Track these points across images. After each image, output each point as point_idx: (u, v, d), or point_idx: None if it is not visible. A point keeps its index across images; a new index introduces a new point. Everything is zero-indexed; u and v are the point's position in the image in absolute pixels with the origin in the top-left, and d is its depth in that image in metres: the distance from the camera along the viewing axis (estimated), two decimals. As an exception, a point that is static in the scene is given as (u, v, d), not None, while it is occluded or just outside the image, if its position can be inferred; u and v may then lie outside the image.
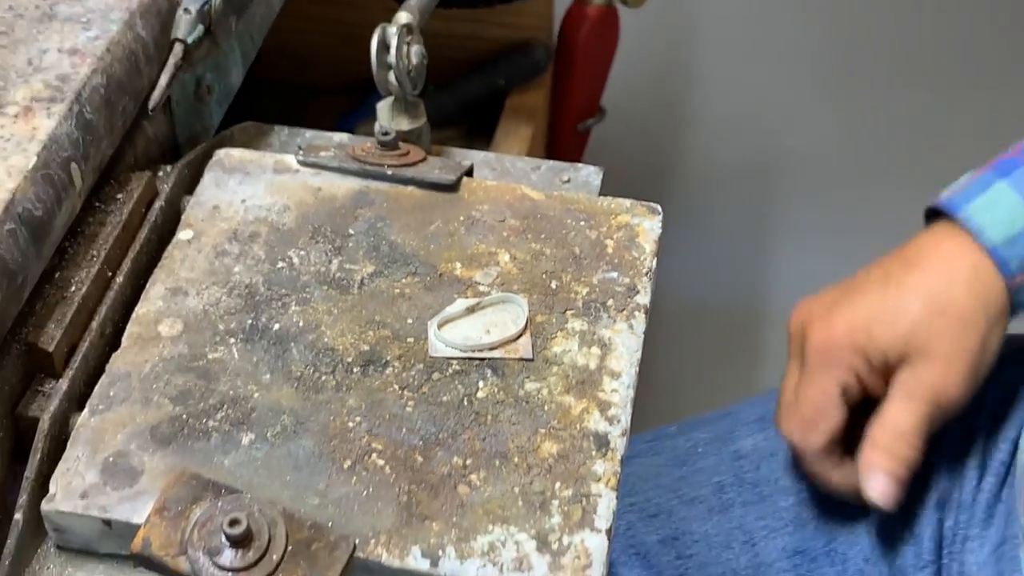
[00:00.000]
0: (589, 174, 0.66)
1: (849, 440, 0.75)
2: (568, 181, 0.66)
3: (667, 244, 0.62)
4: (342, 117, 1.03)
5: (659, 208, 0.62)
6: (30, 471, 0.50)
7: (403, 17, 0.64)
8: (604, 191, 0.66)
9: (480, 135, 1.03)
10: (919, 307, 0.73)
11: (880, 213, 1.85)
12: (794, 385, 0.76)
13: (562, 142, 1.09)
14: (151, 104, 0.60)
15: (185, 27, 0.61)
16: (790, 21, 2.21)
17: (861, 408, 0.74)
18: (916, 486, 0.82)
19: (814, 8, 2.22)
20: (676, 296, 1.70)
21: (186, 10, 0.61)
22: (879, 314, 0.74)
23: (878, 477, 0.72)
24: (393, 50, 0.63)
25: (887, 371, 0.74)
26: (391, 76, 0.63)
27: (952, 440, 0.81)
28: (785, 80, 2.11)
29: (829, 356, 0.74)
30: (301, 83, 1.04)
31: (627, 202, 0.62)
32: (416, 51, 0.63)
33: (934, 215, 0.78)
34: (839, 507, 0.82)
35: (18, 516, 0.49)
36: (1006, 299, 0.75)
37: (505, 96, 1.02)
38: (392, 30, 0.63)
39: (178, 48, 0.60)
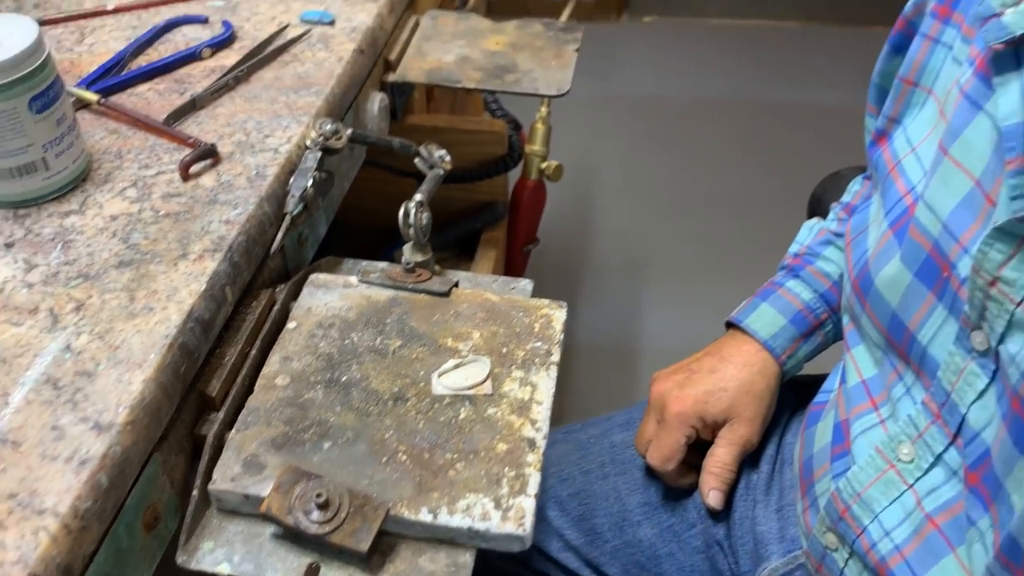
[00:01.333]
0: (526, 284, 0.66)
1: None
2: (514, 288, 0.66)
3: (580, 312, 0.62)
4: (387, 248, 1.03)
5: (565, 304, 0.62)
6: (201, 466, 0.51)
7: (417, 196, 0.64)
8: (536, 292, 0.65)
9: (466, 256, 1.02)
10: (734, 387, 0.74)
11: (711, 296, 1.86)
12: (653, 430, 0.76)
13: (514, 260, 1.08)
14: (272, 250, 0.60)
15: (291, 205, 0.61)
16: (653, 172, 2.21)
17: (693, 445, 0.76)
18: None
19: (669, 160, 2.23)
20: (585, 341, 1.71)
21: (291, 195, 0.62)
22: (711, 393, 0.75)
23: (713, 493, 0.74)
24: (412, 217, 0.63)
25: (716, 427, 0.75)
26: (411, 232, 0.63)
27: None
28: (653, 208, 2.11)
29: (680, 418, 0.75)
30: (362, 227, 1.03)
31: (547, 301, 0.62)
32: (425, 216, 0.64)
33: (729, 324, 0.80)
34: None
35: (195, 492, 0.50)
36: (779, 371, 0.76)
37: (480, 233, 1.02)
38: (411, 205, 0.63)
39: (287, 219, 0.61)
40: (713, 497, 0.74)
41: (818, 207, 0.96)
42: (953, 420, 0.54)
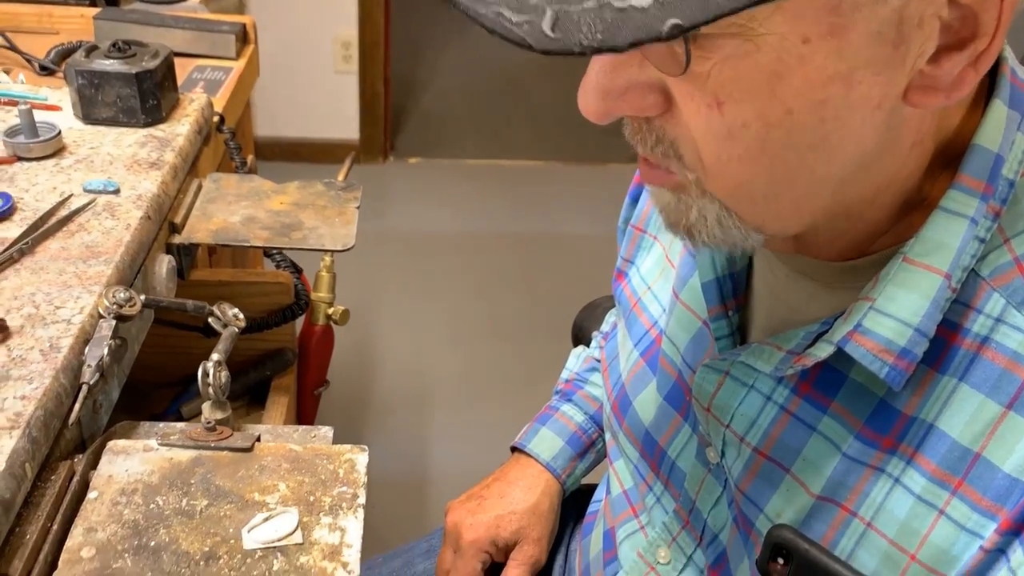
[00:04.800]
0: (327, 431, 0.67)
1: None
2: (315, 436, 0.67)
3: (371, 448, 0.64)
4: (173, 400, 1.01)
5: (366, 447, 0.64)
6: (4, 655, 0.49)
7: (215, 356, 0.65)
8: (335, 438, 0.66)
9: (257, 404, 1.01)
10: (522, 510, 0.80)
11: (492, 419, 1.94)
12: (451, 559, 0.80)
13: (305, 404, 1.08)
14: (70, 422, 0.59)
15: (88, 375, 0.60)
16: (431, 304, 2.29)
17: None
18: None
19: (444, 293, 2.32)
20: (376, 475, 1.71)
21: (87, 365, 0.61)
22: (502, 517, 0.79)
23: None
24: (211, 376, 0.64)
25: (507, 549, 0.79)
26: (210, 391, 0.64)
27: None
28: (434, 340, 2.18)
29: (475, 546, 0.78)
30: (147, 381, 1.01)
31: (348, 446, 0.63)
32: (224, 375, 0.64)
33: (514, 448, 0.86)
34: None
35: None
36: (560, 489, 0.83)
37: (271, 380, 1.02)
38: (210, 365, 0.64)
39: (84, 388, 0.60)
40: None
41: (580, 333, 1.07)
42: (698, 525, 0.62)
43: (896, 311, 0.46)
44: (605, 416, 0.75)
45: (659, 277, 0.69)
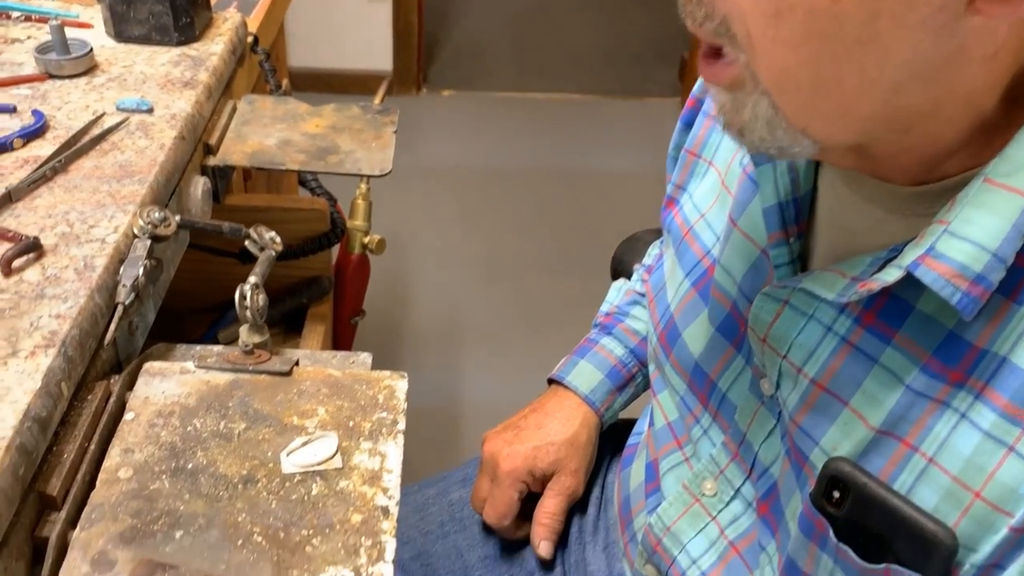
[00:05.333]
0: (365, 357, 0.66)
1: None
2: (353, 362, 0.66)
3: (409, 376, 0.63)
4: (210, 327, 1.00)
5: (406, 375, 0.63)
6: (45, 571, 0.48)
7: (252, 279, 0.64)
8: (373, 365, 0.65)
9: (294, 332, 1.01)
10: (560, 441, 0.79)
11: (526, 354, 1.93)
12: (488, 488, 0.79)
13: (341, 333, 1.08)
14: (105, 342, 0.58)
15: (123, 295, 0.60)
16: (466, 239, 2.27)
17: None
18: None
19: (479, 228, 2.30)
20: (411, 405, 1.71)
21: (123, 285, 0.60)
22: (539, 448, 0.78)
23: (544, 544, 0.78)
24: (248, 300, 0.63)
25: (544, 480, 0.78)
26: (248, 314, 0.63)
27: None
28: (469, 274, 2.17)
29: (512, 475, 0.77)
30: (183, 307, 1.00)
31: (387, 373, 0.62)
32: (262, 298, 0.63)
33: (552, 381, 0.84)
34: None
35: None
36: (598, 422, 0.81)
37: (307, 308, 1.01)
38: (247, 288, 0.63)
39: (119, 309, 0.59)
40: (543, 547, 0.78)
41: (620, 267, 1.04)
42: (748, 457, 0.60)
43: (973, 234, 0.43)
44: (651, 348, 0.73)
45: (714, 204, 0.66)
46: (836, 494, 0.50)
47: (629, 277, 0.94)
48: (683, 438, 0.68)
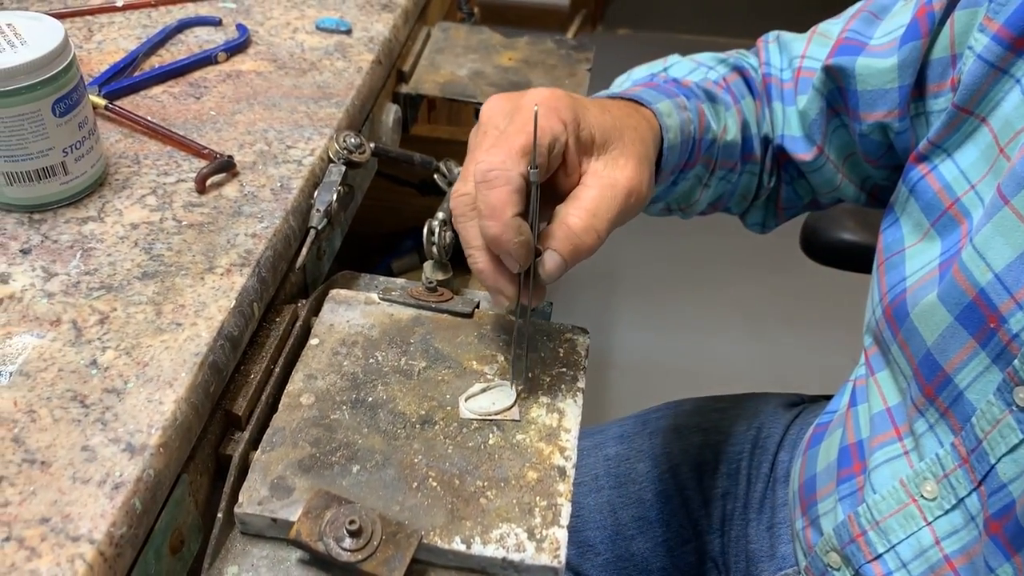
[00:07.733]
0: (546, 306, 0.64)
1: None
2: (534, 309, 0.61)
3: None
4: (385, 256, 1.00)
5: (588, 329, 0.60)
6: (227, 488, 0.48)
7: (440, 215, 0.62)
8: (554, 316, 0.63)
9: (461, 269, 1.00)
10: (617, 112, 0.55)
11: (675, 307, 1.87)
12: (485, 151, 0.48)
13: None
14: (297, 265, 0.58)
15: (317, 220, 0.59)
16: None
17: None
18: (707, 485, 0.80)
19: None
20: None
21: (316, 209, 0.60)
22: (586, 103, 0.53)
23: (555, 258, 0.49)
24: (436, 236, 0.61)
25: (586, 150, 0.50)
26: (434, 250, 0.61)
27: (729, 463, 0.80)
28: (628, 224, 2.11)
29: (546, 105, 0.49)
30: (359, 235, 1.01)
31: (569, 326, 0.60)
32: (449, 235, 0.62)
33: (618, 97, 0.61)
34: (669, 495, 0.79)
35: (219, 515, 0.48)
36: (657, 151, 0.58)
37: None
38: (435, 223, 0.61)
39: (312, 233, 0.59)
40: (552, 265, 0.49)
41: (812, 237, 0.96)
42: (981, 468, 0.53)
43: None
44: (872, 319, 0.64)
45: (987, 174, 0.55)
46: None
47: (822, 249, 0.86)
48: (903, 428, 0.60)
